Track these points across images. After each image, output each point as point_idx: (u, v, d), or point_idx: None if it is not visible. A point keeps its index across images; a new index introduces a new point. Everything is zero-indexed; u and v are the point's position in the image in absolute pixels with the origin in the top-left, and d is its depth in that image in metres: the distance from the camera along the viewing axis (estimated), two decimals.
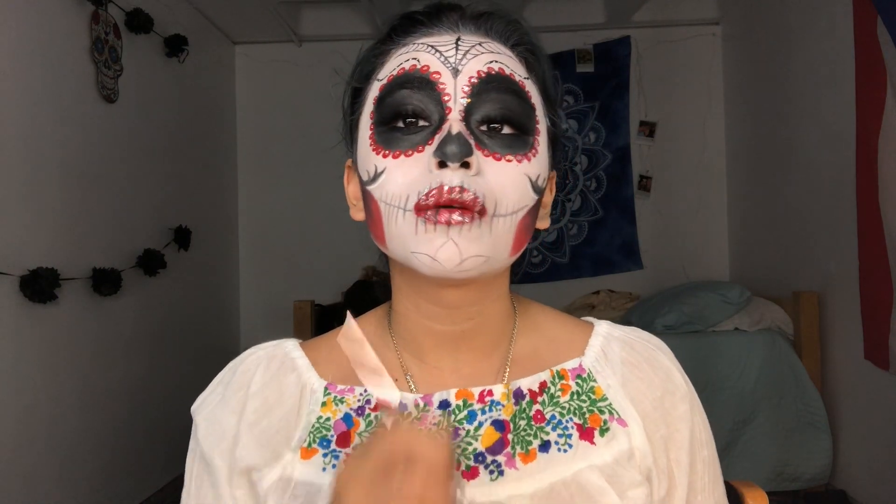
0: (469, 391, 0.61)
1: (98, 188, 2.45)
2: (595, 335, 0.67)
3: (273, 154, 3.88)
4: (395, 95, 0.58)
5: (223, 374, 0.67)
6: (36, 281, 2.00)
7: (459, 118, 0.56)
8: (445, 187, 0.53)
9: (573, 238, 3.87)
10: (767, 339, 2.68)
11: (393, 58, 0.61)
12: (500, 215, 0.56)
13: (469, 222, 0.54)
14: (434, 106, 0.57)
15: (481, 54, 0.58)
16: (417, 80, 0.57)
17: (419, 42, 0.60)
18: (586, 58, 3.81)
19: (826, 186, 2.60)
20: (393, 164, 0.56)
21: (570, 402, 0.62)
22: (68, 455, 2.25)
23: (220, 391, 0.65)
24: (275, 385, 0.63)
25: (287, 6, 3.54)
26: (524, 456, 0.59)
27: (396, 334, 0.66)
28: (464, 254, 0.54)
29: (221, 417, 0.63)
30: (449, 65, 0.57)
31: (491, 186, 0.55)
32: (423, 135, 0.57)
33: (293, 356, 0.66)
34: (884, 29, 2.04)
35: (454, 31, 0.60)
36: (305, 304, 2.97)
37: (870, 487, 2.39)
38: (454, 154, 0.53)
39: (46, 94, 2.17)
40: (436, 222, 0.54)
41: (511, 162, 0.57)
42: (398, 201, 0.56)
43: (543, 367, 0.64)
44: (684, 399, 0.64)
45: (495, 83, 0.57)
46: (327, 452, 0.60)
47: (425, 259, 0.55)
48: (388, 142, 0.57)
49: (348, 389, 0.63)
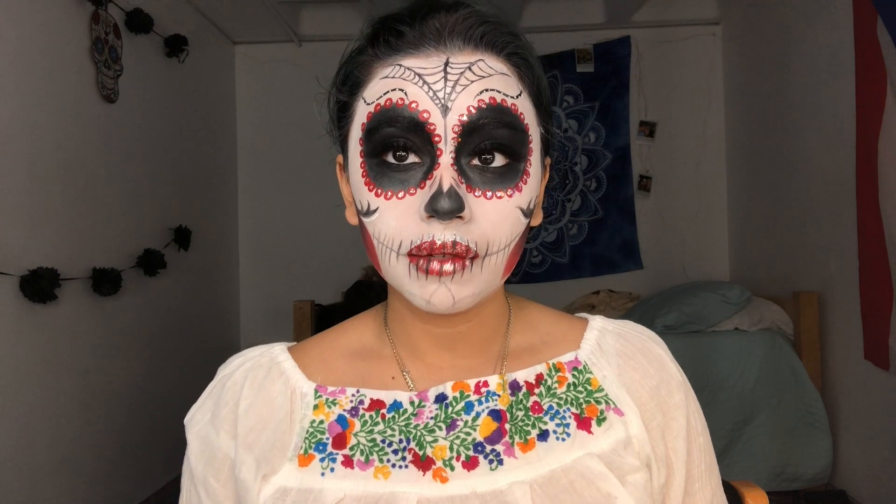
0: (465, 383, 0.62)
1: (98, 188, 2.45)
2: (590, 329, 0.68)
3: (273, 154, 3.88)
4: (382, 132, 0.56)
5: (212, 385, 0.66)
6: (36, 281, 2.00)
7: (451, 161, 0.55)
8: (438, 242, 0.54)
9: (573, 238, 3.87)
10: (767, 339, 2.68)
11: (377, 76, 0.58)
12: (491, 254, 0.56)
13: (461, 270, 0.55)
14: (424, 146, 0.55)
15: (471, 83, 0.56)
16: (406, 120, 0.55)
17: (404, 64, 0.57)
18: (586, 58, 3.81)
19: (826, 186, 2.60)
20: (385, 206, 0.56)
21: (567, 393, 0.63)
22: (68, 455, 2.25)
23: (210, 406, 0.65)
24: (263, 397, 0.63)
25: (287, 6, 3.54)
26: (522, 445, 0.60)
27: (393, 333, 0.66)
28: (456, 297, 0.56)
29: (214, 440, 0.63)
30: (438, 101, 0.55)
31: (483, 230, 0.55)
32: (414, 175, 0.56)
33: (279, 360, 0.65)
34: (884, 29, 2.04)
35: (441, 49, 0.57)
36: (305, 304, 2.97)
37: (870, 487, 2.39)
38: (446, 212, 0.53)
39: (46, 94, 2.17)
40: (427, 272, 0.54)
41: (502, 198, 0.56)
42: (390, 243, 0.56)
43: (539, 361, 0.65)
44: (679, 388, 0.66)
45: (487, 118, 0.55)
46: (324, 456, 0.60)
47: (420, 301, 0.57)
48: (379, 179, 0.57)
49: (339, 391, 0.63)
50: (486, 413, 0.60)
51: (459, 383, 0.62)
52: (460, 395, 0.61)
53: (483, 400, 0.61)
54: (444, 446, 0.59)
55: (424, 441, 0.59)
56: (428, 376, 0.64)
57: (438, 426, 0.60)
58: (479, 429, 0.60)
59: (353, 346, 0.67)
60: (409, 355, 0.65)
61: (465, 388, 0.62)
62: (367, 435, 0.60)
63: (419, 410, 0.61)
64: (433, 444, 0.59)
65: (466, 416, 0.60)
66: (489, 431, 0.60)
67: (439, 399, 0.61)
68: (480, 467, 0.58)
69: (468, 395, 0.61)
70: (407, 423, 0.60)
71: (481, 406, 0.61)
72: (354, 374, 0.65)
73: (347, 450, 0.60)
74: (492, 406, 0.61)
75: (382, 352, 0.66)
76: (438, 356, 0.64)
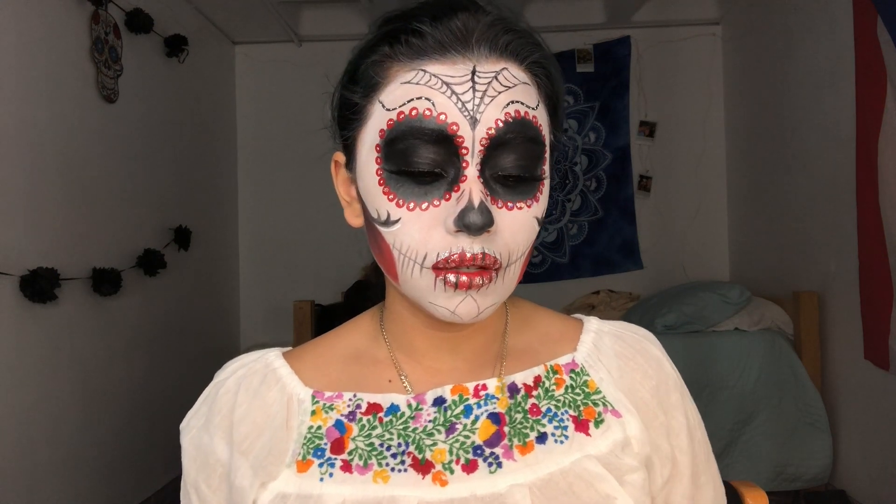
0: (464, 386, 0.62)
1: (98, 188, 2.45)
2: (586, 331, 0.68)
3: (273, 154, 3.88)
4: (407, 143, 0.54)
5: (207, 391, 0.66)
6: (36, 281, 2.00)
7: (476, 175, 0.54)
8: (468, 255, 0.54)
9: (573, 238, 3.87)
10: (767, 339, 2.68)
11: (397, 80, 0.56)
12: (511, 264, 0.57)
13: (488, 283, 0.55)
14: (449, 157, 0.54)
15: (499, 94, 0.55)
16: (434, 133, 0.54)
17: (429, 70, 0.55)
18: (586, 58, 3.81)
19: (826, 186, 2.60)
20: (408, 217, 0.55)
21: (565, 395, 0.63)
22: (68, 455, 2.25)
23: (205, 412, 0.64)
24: (258, 404, 0.62)
25: (287, 6, 3.54)
26: (521, 448, 0.60)
27: (390, 335, 0.66)
28: (481, 307, 0.56)
29: (208, 445, 0.63)
30: (467, 113, 0.54)
31: (506, 241, 0.56)
32: (437, 186, 0.55)
33: (275, 366, 0.64)
34: (884, 29, 2.04)
35: (468, 55, 0.55)
36: (305, 304, 2.96)
37: (870, 487, 2.39)
38: (479, 228, 0.53)
39: (46, 94, 2.17)
40: (456, 286, 0.54)
41: (522, 209, 0.57)
42: (414, 255, 0.55)
43: (537, 362, 0.65)
44: (676, 387, 0.67)
45: (513, 133, 0.55)
46: (322, 462, 0.59)
47: (444, 312, 0.56)
48: (399, 188, 0.55)
49: (336, 396, 0.62)
50: (485, 416, 0.60)
51: (458, 387, 0.62)
52: (459, 399, 0.61)
53: (482, 403, 0.61)
54: (443, 450, 0.59)
55: (423, 445, 0.59)
56: (426, 379, 0.64)
57: (437, 429, 0.60)
58: (479, 432, 0.60)
59: (348, 351, 0.67)
60: (407, 358, 0.65)
61: (464, 391, 0.62)
62: (366, 439, 0.60)
63: (417, 414, 0.61)
64: (432, 447, 0.59)
65: (465, 419, 0.60)
66: (488, 434, 0.60)
67: (437, 402, 0.61)
68: (479, 470, 0.58)
69: (467, 398, 0.61)
70: (405, 427, 0.60)
71: (480, 409, 0.61)
72: (350, 378, 0.64)
73: (346, 454, 0.59)
74: (490, 409, 0.61)
75: (378, 355, 0.65)
76: (438, 358, 0.64)
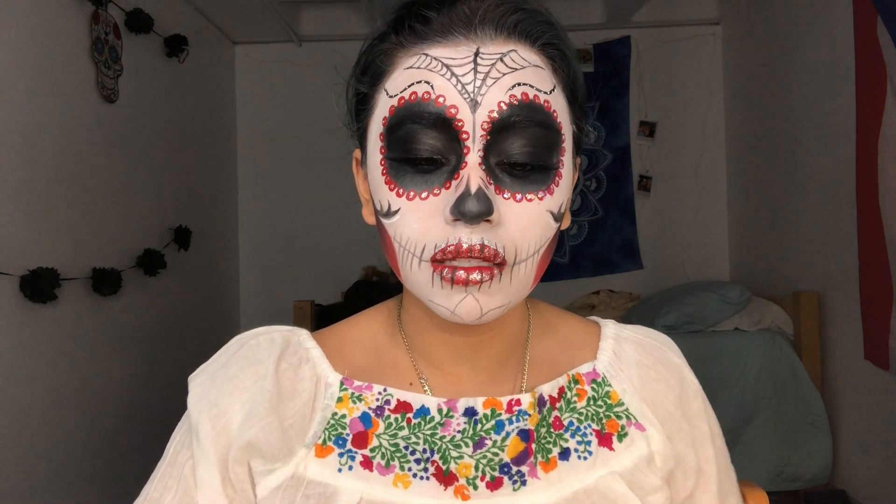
0: (497, 400, 0.59)
1: (98, 188, 2.45)
2: (604, 338, 0.66)
3: (273, 154, 3.88)
4: (406, 128, 0.52)
5: (228, 345, 0.64)
6: (36, 281, 2.00)
7: (478, 161, 0.51)
8: (464, 245, 0.50)
9: (573, 238, 3.87)
10: (767, 339, 2.68)
11: (401, 66, 0.54)
12: (520, 261, 0.53)
13: (489, 280, 0.51)
14: (450, 143, 0.51)
15: (503, 76, 0.51)
16: (432, 116, 0.51)
17: (431, 54, 0.53)
18: (586, 58, 3.81)
19: (826, 186, 2.60)
20: (407, 207, 0.52)
21: (587, 407, 0.61)
22: (68, 455, 2.25)
23: (223, 360, 0.62)
24: (291, 373, 0.60)
25: (287, 6, 3.53)
26: (545, 465, 0.58)
27: (408, 336, 0.63)
28: (484, 308, 0.52)
29: (221, 386, 0.60)
30: (467, 95, 0.51)
31: (511, 234, 0.52)
32: (438, 174, 0.52)
33: (307, 346, 0.62)
34: (884, 29, 2.04)
35: (471, 37, 0.53)
36: (305, 304, 2.96)
37: (870, 487, 2.39)
38: (474, 215, 0.49)
39: (46, 94, 2.17)
40: (453, 281, 0.51)
41: (532, 201, 0.53)
42: (413, 248, 0.53)
43: (559, 371, 0.63)
44: (697, 395, 0.66)
45: (519, 116, 0.51)
46: (343, 452, 0.57)
47: (444, 311, 0.53)
48: (400, 178, 0.53)
49: (366, 387, 0.59)
50: (516, 433, 0.58)
51: (491, 400, 0.59)
52: (491, 413, 0.58)
53: (514, 419, 0.58)
54: (469, 464, 0.57)
55: (449, 455, 0.57)
56: (446, 386, 0.61)
57: (465, 442, 0.57)
58: (507, 449, 0.57)
59: (366, 343, 0.64)
60: (426, 362, 0.62)
61: (497, 405, 0.58)
62: (391, 439, 0.57)
63: (447, 421, 0.58)
64: (458, 459, 0.57)
65: (496, 435, 0.58)
66: (516, 452, 0.57)
67: (468, 413, 0.58)
68: (504, 488, 0.56)
69: (499, 413, 0.58)
70: (433, 433, 0.58)
71: (511, 426, 0.58)
72: (374, 371, 0.62)
73: (368, 450, 0.57)
74: (521, 426, 0.58)
75: (398, 355, 0.63)
76: (457, 365, 0.61)
